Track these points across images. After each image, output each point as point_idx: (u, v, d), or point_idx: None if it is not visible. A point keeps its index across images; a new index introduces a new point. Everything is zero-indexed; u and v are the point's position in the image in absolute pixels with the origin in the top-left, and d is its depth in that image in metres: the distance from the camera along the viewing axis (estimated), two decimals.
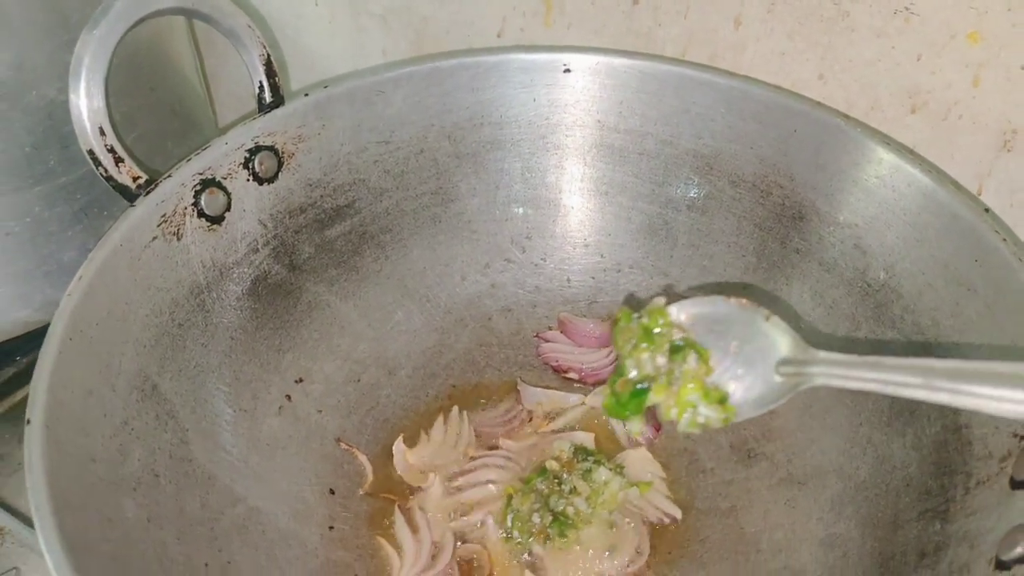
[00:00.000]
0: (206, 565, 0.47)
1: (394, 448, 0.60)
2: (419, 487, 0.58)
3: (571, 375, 0.66)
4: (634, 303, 0.66)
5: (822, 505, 0.55)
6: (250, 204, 0.59)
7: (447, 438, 0.61)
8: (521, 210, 0.69)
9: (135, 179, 0.53)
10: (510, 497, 0.57)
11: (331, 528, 0.55)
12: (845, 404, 0.58)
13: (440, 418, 0.62)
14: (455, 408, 0.63)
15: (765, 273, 0.64)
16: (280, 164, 0.61)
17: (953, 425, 0.50)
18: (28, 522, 0.61)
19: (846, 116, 0.61)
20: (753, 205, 0.64)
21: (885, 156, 0.58)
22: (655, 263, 0.68)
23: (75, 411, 0.45)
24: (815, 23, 0.63)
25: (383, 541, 0.55)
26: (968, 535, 0.45)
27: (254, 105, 0.60)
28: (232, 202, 0.58)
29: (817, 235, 0.62)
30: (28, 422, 0.42)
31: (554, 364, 0.67)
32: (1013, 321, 0.49)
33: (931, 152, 0.61)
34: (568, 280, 0.70)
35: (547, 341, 0.67)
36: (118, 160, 0.52)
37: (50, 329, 0.46)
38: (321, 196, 0.63)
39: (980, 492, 0.46)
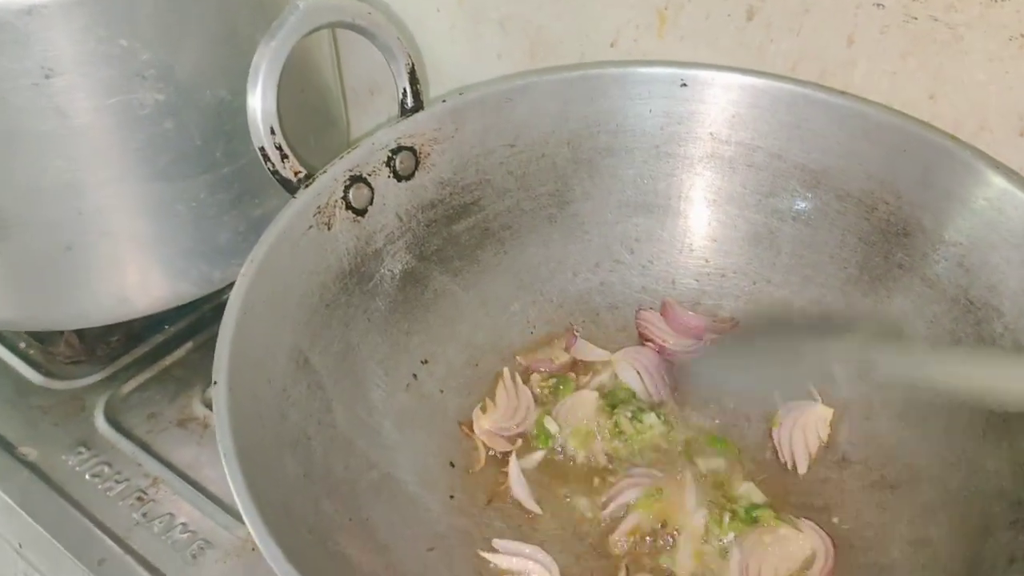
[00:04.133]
0: (350, 520, 0.53)
1: (473, 415, 0.66)
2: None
3: (651, 345, 0.71)
4: None
5: (914, 509, 0.58)
6: (390, 199, 0.65)
7: (510, 401, 0.67)
8: (632, 214, 0.74)
9: (296, 173, 0.59)
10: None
11: (452, 497, 0.61)
12: (941, 415, 0.60)
13: (500, 384, 0.68)
14: (506, 370, 0.69)
15: (867, 285, 0.67)
16: (417, 163, 0.66)
17: None
18: (180, 474, 0.68)
19: (956, 138, 0.63)
20: (858, 219, 0.67)
21: (994, 179, 0.60)
22: (758, 270, 0.72)
23: (247, 377, 0.51)
24: (928, 45, 0.65)
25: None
26: None
27: (373, 101, 0.66)
28: (375, 197, 0.64)
29: (921, 252, 0.64)
30: (215, 383, 0.48)
31: (643, 331, 0.72)
32: None
33: None
34: (673, 282, 0.74)
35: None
36: (284, 156, 0.58)
37: (229, 304, 0.52)
38: (451, 194, 0.69)
39: None
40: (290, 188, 0.59)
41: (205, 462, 0.70)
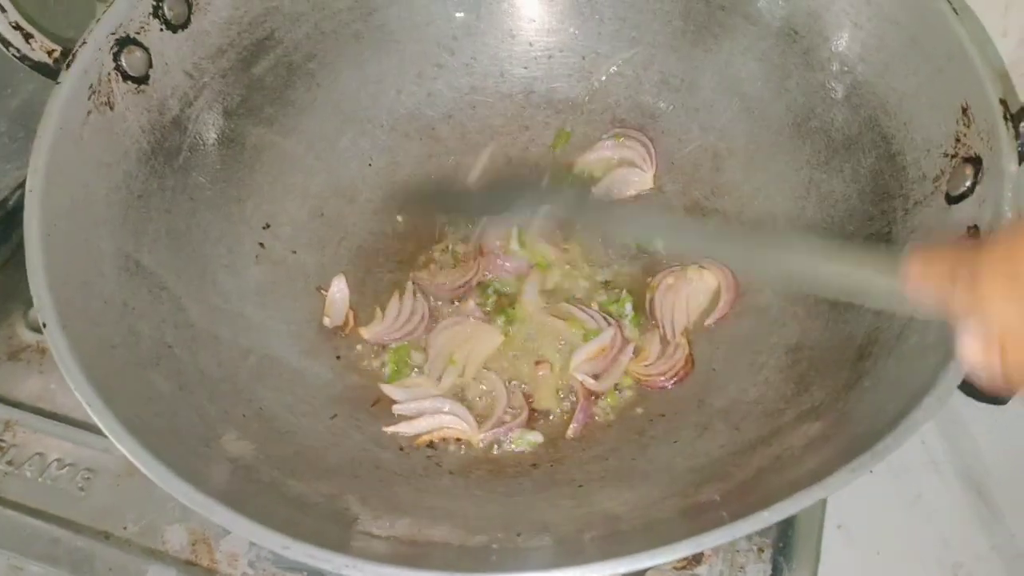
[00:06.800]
0: (244, 416, 0.50)
1: (332, 291, 0.60)
2: None
3: None
4: None
5: None
6: (171, 55, 0.56)
7: (401, 315, 0.60)
8: (444, 10, 0.67)
9: (50, 53, 0.49)
10: None
11: (338, 358, 0.59)
12: (785, 151, 0.62)
13: (396, 295, 0.61)
14: (410, 284, 0.62)
15: (694, 35, 0.65)
16: (189, 7, 0.57)
17: (887, 154, 0.55)
18: (33, 409, 0.62)
19: None
20: None
21: None
22: (585, 43, 0.68)
23: (79, 305, 0.45)
24: None
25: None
26: None
27: None
28: (152, 57, 0.55)
29: None
30: (44, 326, 0.42)
31: None
32: (934, 46, 0.53)
33: None
34: (501, 74, 0.69)
35: None
36: (27, 36, 0.48)
37: (26, 231, 0.45)
38: (238, 33, 0.60)
39: (918, 211, 0.52)
40: (49, 72, 0.49)
41: (56, 390, 0.63)
